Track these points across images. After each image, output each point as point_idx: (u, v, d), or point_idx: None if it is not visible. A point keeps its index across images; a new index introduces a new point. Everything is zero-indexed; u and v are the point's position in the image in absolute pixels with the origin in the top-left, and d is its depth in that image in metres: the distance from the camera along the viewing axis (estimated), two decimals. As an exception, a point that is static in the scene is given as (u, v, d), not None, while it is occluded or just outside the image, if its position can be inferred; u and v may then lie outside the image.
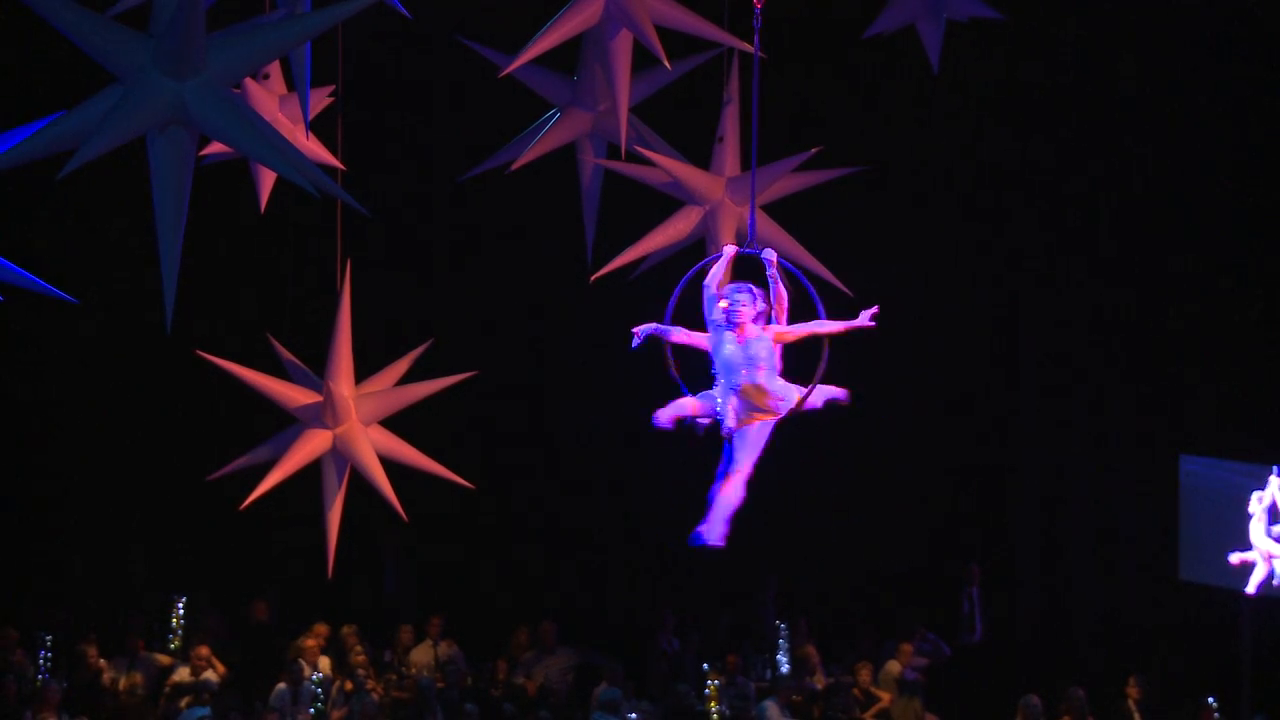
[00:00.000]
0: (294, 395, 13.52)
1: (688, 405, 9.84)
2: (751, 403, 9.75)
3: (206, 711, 15.09)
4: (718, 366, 9.79)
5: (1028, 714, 15.60)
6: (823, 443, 10.05)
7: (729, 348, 9.74)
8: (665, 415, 9.80)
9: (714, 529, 9.79)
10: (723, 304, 9.73)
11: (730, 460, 9.92)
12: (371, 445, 13.57)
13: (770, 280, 10.09)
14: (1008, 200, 18.76)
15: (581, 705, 16.43)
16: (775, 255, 10.07)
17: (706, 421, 9.78)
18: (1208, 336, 18.02)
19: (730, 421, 9.71)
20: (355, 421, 13.48)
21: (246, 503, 13.55)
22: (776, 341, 9.86)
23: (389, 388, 13.88)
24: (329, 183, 9.24)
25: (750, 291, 9.82)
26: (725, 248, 10.18)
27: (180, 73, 8.54)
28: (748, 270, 10.26)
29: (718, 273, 9.94)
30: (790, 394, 9.67)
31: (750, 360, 9.71)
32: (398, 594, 19.37)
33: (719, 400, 9.74)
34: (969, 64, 16.71)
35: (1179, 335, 18.23)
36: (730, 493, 9.80)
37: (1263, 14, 16.96)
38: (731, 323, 9.74)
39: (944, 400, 18.84)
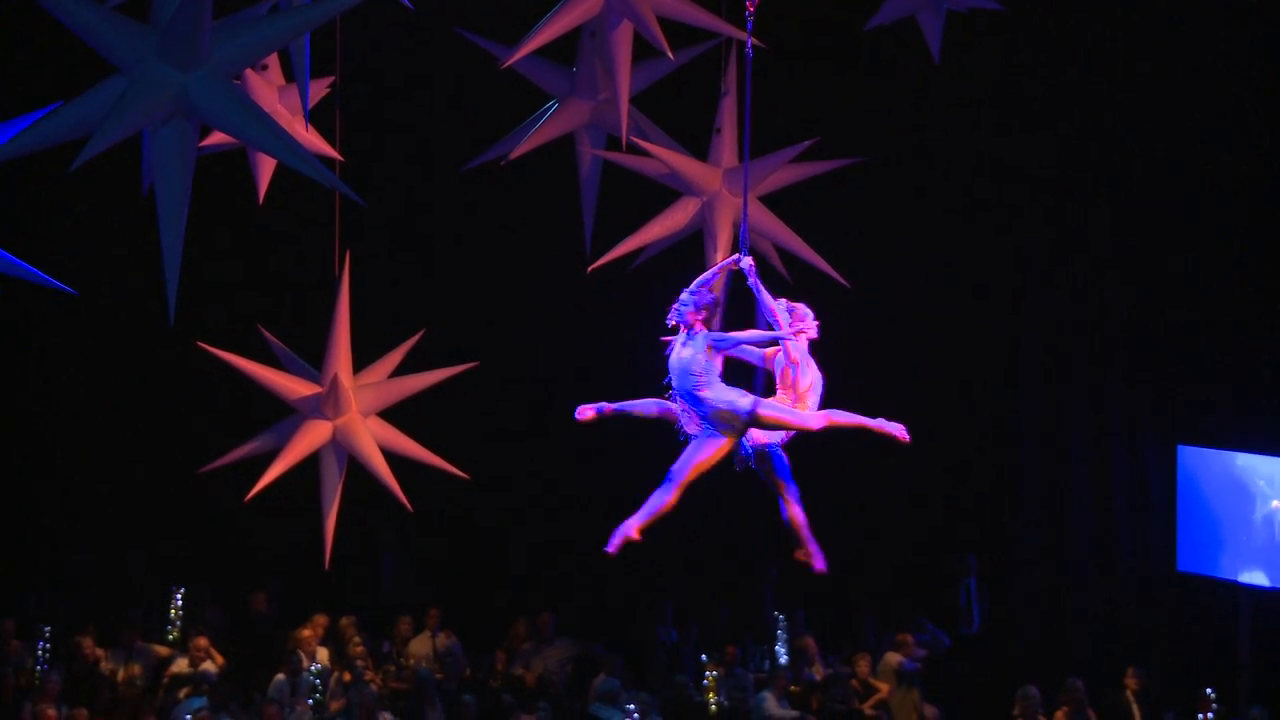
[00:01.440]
0: (294, 387, 13.52)
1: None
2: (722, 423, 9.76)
3: (204, 702, 15.09)
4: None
5: (1026, 705, 15.61)
6: (821, 435, 10.02)
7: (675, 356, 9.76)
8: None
9: (808, 550, 9.96)
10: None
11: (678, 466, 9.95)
12: (372, 436, 13.58)
13: (754, 288, 10.06)
14: (1008, 193, 18.75)
15: (580, 696, 16.44)
16: (750, 262, 10.04)
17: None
18: (1207, 327, 18.03)
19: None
20: (355, 413, 13.48)
21: (251, 494, 13.55)
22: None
23: (384, 379, 13.89)
24: (328, 174, 9.23)
25: (691, 293, 9.77)
26: (743, 260, 10.12)
27: (185, 63, 8.54)
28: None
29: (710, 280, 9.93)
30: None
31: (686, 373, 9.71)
32: (396, 585, 19.38)
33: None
34: (969, 55, 16.71)
35: (1178, 326, 18.24)
36: (796, 514, 9.92)
37: (1264, 8, 16.97)
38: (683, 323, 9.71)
39: (943, 392, 18.84)
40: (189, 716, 14.65)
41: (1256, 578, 17.10)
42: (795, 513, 10.12)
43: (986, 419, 19.06)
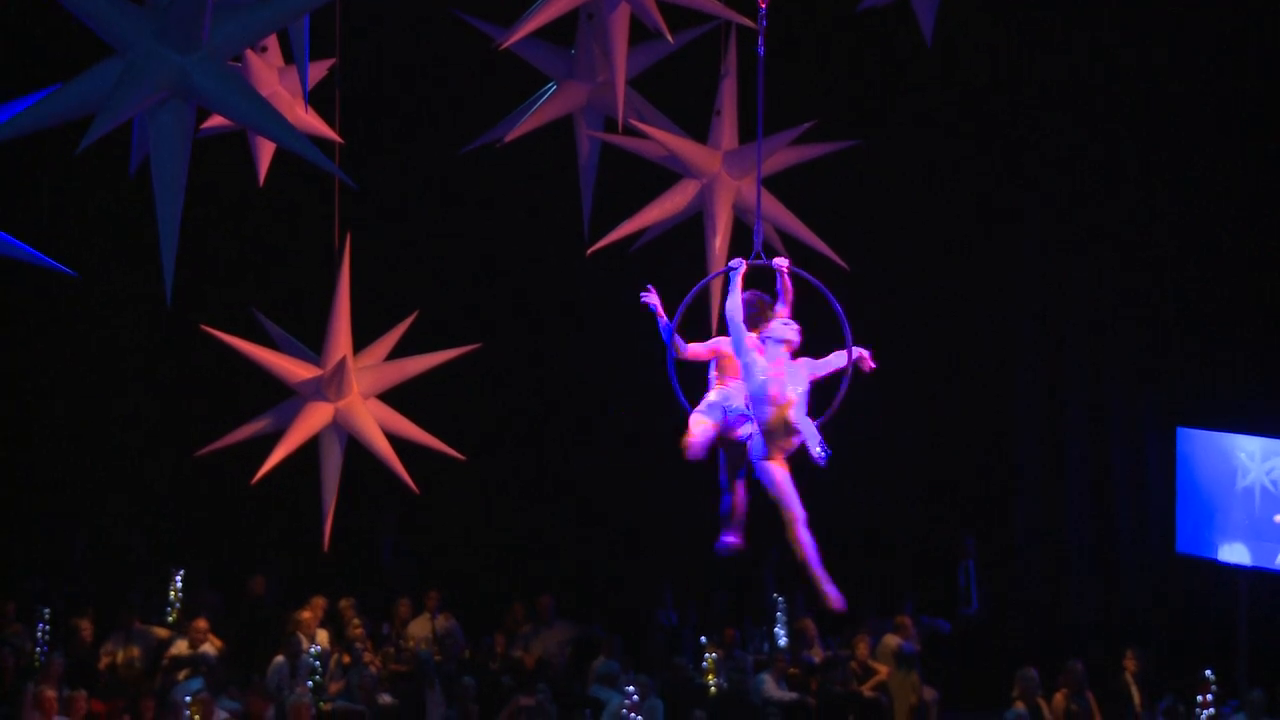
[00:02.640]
0: (296, 370, 13.44)
1: (708, 427, 9.87)
2: (776, 438, 9.74)
3: (202, 684, 15.10)
4: (748, 399, 9.75)
5: (1025, 686, 15.63)
6: (819, 417, 10.01)
7: (761, 379, 9.67)
8: (698, 446, 9.84)
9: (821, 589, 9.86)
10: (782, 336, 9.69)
11: (727, 469, 9.93)
12: (375, 418, 13.53)
13: (780, 290, 10.05)
14: (1007, 178, 18.73)
15: (579, 678, 16.44)
16: (787, 263, 10.04)
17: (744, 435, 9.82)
18: (1207, 309, 18.04)
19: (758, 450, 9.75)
20: (357, 395, 13.42)
21: (257, 477, 13.48)
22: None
23: (380, 361, 13.82)
24: (323, 158, 9.21)
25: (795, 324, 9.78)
26: (734, 261, 10.08)
27: (184, 46, 8.52)
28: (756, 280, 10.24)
29: (738, 304, 9.85)
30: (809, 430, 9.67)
31: (783, 392, 9.68)
32: (395, 567, 19.37)
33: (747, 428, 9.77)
34: (967, 36, 16.71)
35: (1178, 308, 18.26)
36: (804, 541, 9.80)
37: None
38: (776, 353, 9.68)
39: (942, 373, 18.84)
40: (188, 698, 14.66)
41: (1238, 552, 17.13)
42: (801, 541, 9.93)
43: (985, 401, 19.05)
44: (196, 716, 14.35)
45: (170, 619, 17.20)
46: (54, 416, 18.78)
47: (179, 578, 17.45)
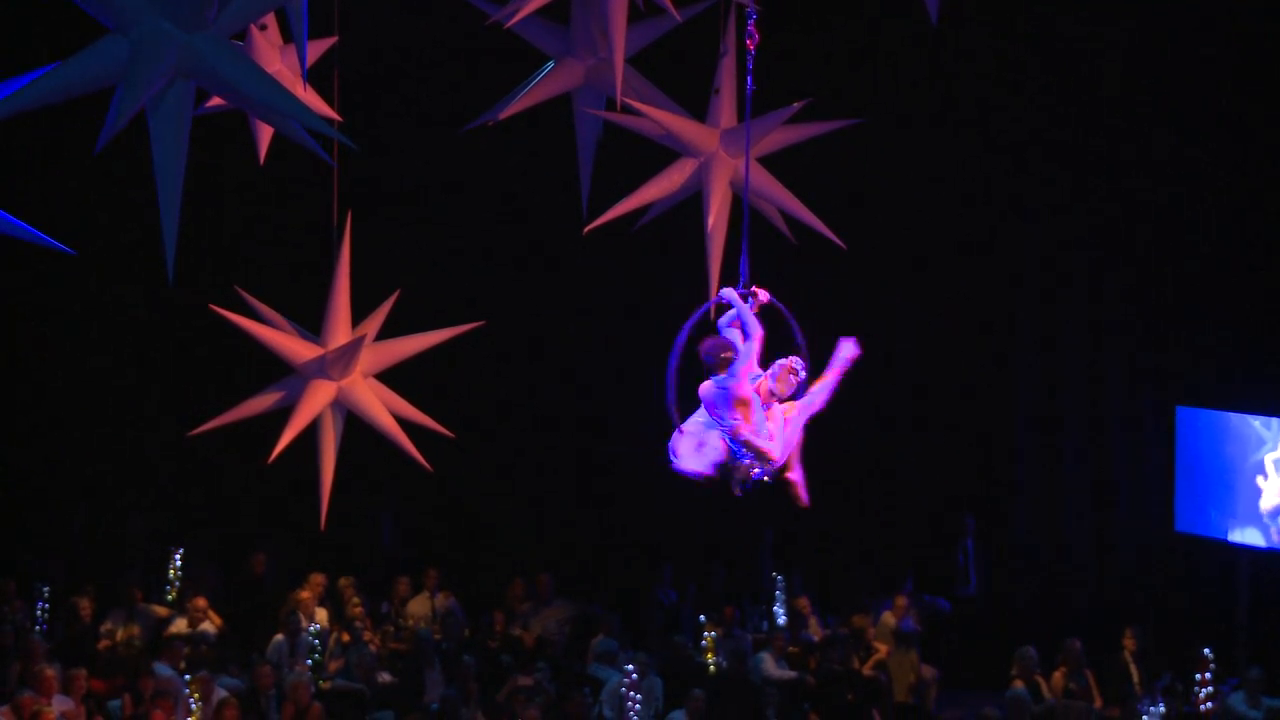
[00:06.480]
0: (299, 349, 13.33)
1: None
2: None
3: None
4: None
5: (1024, 665, 15.66)
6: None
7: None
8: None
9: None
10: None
11: None
12: (376, 396, 13.47)
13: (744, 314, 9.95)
14: (1007, 152, 18.73)
15: (579, 657, 16.46)
16: (767, 294, 9.98)
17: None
18: (1207, 288, 18.05)
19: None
20: (359, 374, 13.35)
21: (272, 456, 13.39)
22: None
23: (370, 340, 13.71)
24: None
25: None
26: (723, 291, 10.03)
27: (190, 23, 8.45)
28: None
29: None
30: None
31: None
32: (394, 546, 19.38)
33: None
34: (969, 14, 16.69)
35: (1178, 287, 18.27)
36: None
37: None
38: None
39: (941, 352, 18.85)
40: (188, 676, 14.67)
41: (1250, 535, 17.13)
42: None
43: (985, 383, 19.06)
44: (196, 694, 14.36)
45: (170, 597, 17.21)
46: (53, 394, 18.77)
47: (178, 556, 17.46)
